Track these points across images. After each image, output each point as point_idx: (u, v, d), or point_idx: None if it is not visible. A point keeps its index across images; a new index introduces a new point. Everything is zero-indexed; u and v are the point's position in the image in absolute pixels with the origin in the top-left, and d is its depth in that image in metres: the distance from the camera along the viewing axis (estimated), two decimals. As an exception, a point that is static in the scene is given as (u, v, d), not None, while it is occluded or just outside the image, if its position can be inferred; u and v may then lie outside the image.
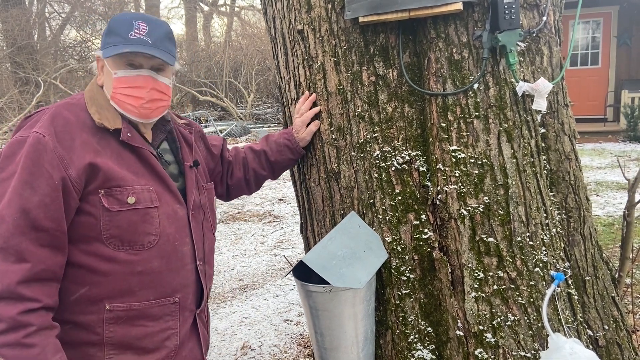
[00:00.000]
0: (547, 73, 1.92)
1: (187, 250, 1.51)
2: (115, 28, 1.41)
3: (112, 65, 1.43)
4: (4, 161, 1.32)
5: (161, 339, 1.46)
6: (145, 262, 1.41)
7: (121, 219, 1.37)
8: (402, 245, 1.84)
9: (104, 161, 1.36)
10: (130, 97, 1.42)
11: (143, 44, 1.39)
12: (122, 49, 1.38)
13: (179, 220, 1.49)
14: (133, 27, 1.40)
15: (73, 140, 1.35)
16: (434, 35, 1.79)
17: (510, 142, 1.79)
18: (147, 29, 1.42)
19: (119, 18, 1.44)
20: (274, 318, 3.86)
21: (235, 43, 22.13)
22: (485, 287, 1.76)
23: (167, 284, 1.46)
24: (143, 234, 1.40)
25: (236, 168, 1.90)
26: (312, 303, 1.73)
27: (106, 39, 1.43)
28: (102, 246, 1.36)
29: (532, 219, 1.80)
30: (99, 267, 1.36)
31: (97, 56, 1.48)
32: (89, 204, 1.35)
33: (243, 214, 6.99)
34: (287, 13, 1.98)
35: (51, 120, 1.35)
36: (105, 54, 1.41)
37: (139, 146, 1.44)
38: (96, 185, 1.35)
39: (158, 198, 1.43)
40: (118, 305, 1.39)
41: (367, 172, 1.87)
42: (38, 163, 1.29)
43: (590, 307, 1.97)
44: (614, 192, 6.71)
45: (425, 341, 1.84)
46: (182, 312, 1.51)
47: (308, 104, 1.95)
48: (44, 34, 19.00)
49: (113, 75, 1.42)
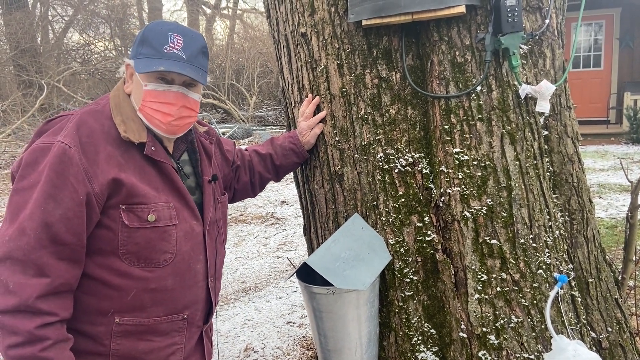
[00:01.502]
0: (550, 75, 1.93)
1: (201, 267, 1.50)
2: (150, 39, 1.37)
3: (143, 77, 1.39)
4: (25, 169, 1.28)
5: (166, 353, 1.46)
6: (159, 279, 1.39)
7: (139, 236, 1.35)
8: (405, 247, 1.85)
9: (127, 176, 1.33)
10: (158, 112, 1.39)
11: (177, 60, 1.36)
12: (157, 67, 1.34)
13: (195, 237, 1.47)
14: (168, 40, 1.36)
15: (97, 153, 1.32)
16: (437, 38, 1.80)
17: (513, 144, 1.79)
18: (182, 43, 1.37)
19: (154, 28, 1.39)
20: (277, 320, 3.86)
21: (237, 46, 22.17)
22: (488, 289, 1.77)
23: (178, 301, 1.45)
24: (160, 252, 1.39)
25: (242, 172, 1.88)
26: (316, 305, 1.73)
27: (139, 49, 1.38)
28: (117, 260, 1.35)
29: (535, 221, 1.80)
30: (113, 281, 1.35)
31: (126, 63, 1.44)
32: (108, 218, 1.33)
33: (245, 216, 7.00)
34: (290, 16, 1.99)
35: (77, 129, 1.32)
36: (138, 67, 1.37)
37: (162, 161, 1.41)
38: (118, 200, 1.33)
39: (177, 215, 1.42)
40: (128, 319, 1.38)
41: (370, 174, 1.88)
42: (63, 176, 1.26)
43: (594, 309, 1.98)
44: (616, 195, 6.70)
45: (428, 343, 1.84)
46: (189, 328, 1.50)
47: (312, 106, 1.95)
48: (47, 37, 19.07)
49: (143, 87, 1.39)
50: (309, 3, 1.91)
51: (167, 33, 1.37)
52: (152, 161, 1.41)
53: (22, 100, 14.11)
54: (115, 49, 19.45)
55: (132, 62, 1.40)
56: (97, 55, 18.62)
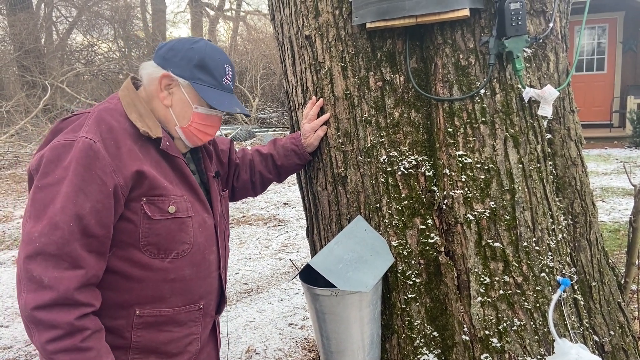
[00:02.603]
0: (554, 79, 1.93)
1: (214, 258, 1.55)
2: (211, 68, 1.46)
3: (194, 99, 1.47)
4: (48, 165, 1.29)
5: (184, 344, 1.49)
6: (178, 269, 1.43)
7: (161, 227, 1.38)
8: (408, 250, 1.85)
9: (148, 169, 1.37)
10: (202, 133, 1.51)
11: (229, 92, 1.52)
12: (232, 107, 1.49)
13: (208, 229, 1.52)
14: (225, 72, 1.50)
15: (119, 147, 1.34)
16: (441, 41, 1.81)
17: (516, 147, 1.80)
18: (232, 74, 1.52)
19: (214, 56, 1.48)
20: (279, 322, 3.87)
21: (240, 47, 22.21)
22: (491, 291, 1.77)
23: (195, 291, 1.49)
24: (179, 243, 1.42)
25: (242, 170, 1.91)
26: (319, 306, 1.74)
27: (197, 74, 1.45)
28: (138, 253, 1.37)
29: (539, 224, 1.80)
30: (134, 273, 1.37)
31: (166, 74, 1.45)
32: (130, 210, 1.35)
33: (248, 218, 7.01)
34: (294, 19, 2.00)
35: (97, 125, 1.34)
36: (209, 98, 1.45)
37: (176, 155, 1.46)
38: (139, 193, 1.36)
39: (192, 207, 1.46)
40: (148, 310, 1.40)
41: (373, 176, 1.88)
42: (89, 169, 1.27)
43: (597, 313, 1.97)
44: (619, 198, 6.69)
45: (431, 345, 1.84)
46: (204, 317, 1.54)
47: (316, 109, 1.96)
48: (51, 38, 19.14)
49: (193, 109, 1.47)
50: (313, 6, 1.92)
51: (224, 65, 1.50)
52: (166, 156, 1.45)
53: (25, 100, 14.16)
54: (118, 50, 19.51)
55: (188, 83, 1.45)
56: (101, 56, 18.68)
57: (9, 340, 3.77)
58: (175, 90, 1.47)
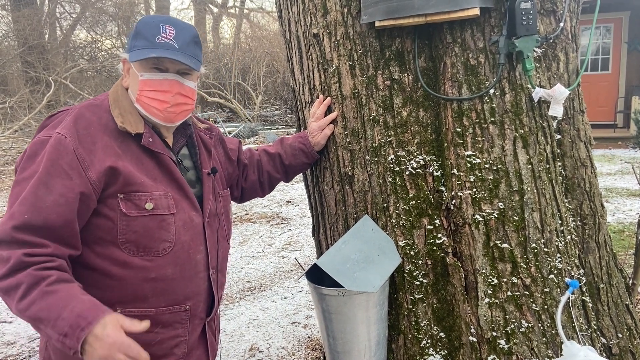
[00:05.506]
0: (564, 79, 1.92)
1: (201, 258, 1.52)
2: (143, 31, 1.41)
3: (139, 68, 1.43)
4: (26, 161, 1.33)
5: (170, 346, 1.47)
6: (159, 268, 1.41)
7: (138, 224, 1.37)
8: (415, 250, 1.84)
9: (124, 165, 1.36)
10: (155, 101, 1.43)
11: (169, 49, 1.39)
12: (149, 54, 1.38)
13: (194, 227, 1.49)
14: (160, 31, 1.40)
15: (94, 143, 1.35)
16: (450, 40, 1.79)
17: (525, 148, 1.78)
18: (174, 33, 1.41)
19: (147, 21, 1.44)
20: (282, 320, 3.86)
21: (244, 45, 22.20)
22: (499, 293, 1.76)
23: (179, 292, 1.46)
24: (159, 241, 1.40)
25: (250, 171, 1.89)
26: (326, 306, 1.73)
27: (133, 42, 1.43)
28: (117, 250, 1.36)
29: (547, 225, 1.79)
30: (113, 271, 1.37)
31: (123, 59, 1.48)
32: (107, 207, 1.35)
33: (251, 216, 7.00)
34: (302, 17, 1.98)
35: (74, 122, 1.36)
36: (132, 57, 1.41)
37: (159, 152, 1.44)
38: (115, 189, 1.35)
39: (175, 205, 1.44)
40: (130, 310, 1.38)
41: (381, 176, 1.87)
42: (56, 163, 1.29)
43: (604, 315, 1.96)
44: (623, 199, 6.66)
45: (437, 346, 1.83)
46: (192, 320, 1.51)
47: (323, 107, 1.95)
48: (54, 34, 19.13)
49: (139, 77, 1.43)
50: (321, 4, 1.91)
51: (159, 24, 1.42)
52: (150, 153, 1.44)
53: (29, 96, 14.17)
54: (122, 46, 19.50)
55: (127, 55, 1.44)
56: (104, 52, 18.67)
57: (12, 336, 3.77)
58: (130, 71, 1.47)
